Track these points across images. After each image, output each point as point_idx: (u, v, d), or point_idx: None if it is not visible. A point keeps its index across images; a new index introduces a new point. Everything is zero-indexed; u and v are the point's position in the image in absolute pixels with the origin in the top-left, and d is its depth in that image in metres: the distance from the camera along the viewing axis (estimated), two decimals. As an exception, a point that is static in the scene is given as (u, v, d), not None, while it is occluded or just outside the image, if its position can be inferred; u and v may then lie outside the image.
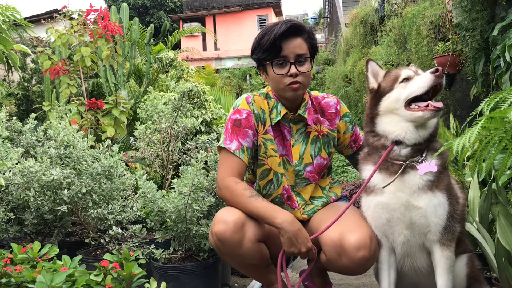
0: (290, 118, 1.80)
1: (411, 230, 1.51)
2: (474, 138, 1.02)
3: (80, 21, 3.36)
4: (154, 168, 2.88)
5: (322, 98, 1.89)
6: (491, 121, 1.04)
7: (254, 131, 1.76)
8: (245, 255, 1.65)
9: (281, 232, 1.55)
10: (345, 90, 8.80)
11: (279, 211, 1.59)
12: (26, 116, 2.72)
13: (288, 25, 1.66)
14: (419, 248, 1.54)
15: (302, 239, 1.55)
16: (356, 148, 1.90)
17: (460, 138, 1.07)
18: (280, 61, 1.69)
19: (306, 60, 1.71)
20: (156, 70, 7.19)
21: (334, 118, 1.87)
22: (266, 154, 1.78)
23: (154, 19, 21.16)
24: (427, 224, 1.47)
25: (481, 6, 3.10)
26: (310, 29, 1.75)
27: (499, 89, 2.84)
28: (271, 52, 1.68)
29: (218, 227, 1.61)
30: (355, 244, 1.54)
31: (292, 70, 1.68)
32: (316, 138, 1.83)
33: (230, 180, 1.68)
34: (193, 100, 3.41)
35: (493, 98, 1.10)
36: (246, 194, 1.63)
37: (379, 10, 7.40)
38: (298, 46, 1.68)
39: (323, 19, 21.15)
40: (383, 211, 1.53)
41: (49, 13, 8.62)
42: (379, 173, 1.54)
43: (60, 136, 2.11)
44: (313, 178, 1.84)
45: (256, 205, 1.61)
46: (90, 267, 1.61)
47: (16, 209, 2.19)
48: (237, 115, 1.76)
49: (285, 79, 1.70)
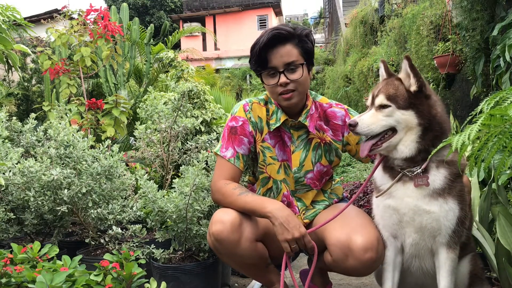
0: (290, 124, 1.78)
1: (420, 233, 1.50)
2: (474, 135, 1.02)
3: (80, 21, 3.36)
4: (154, 168, 2.88)
5: (329, 106, 1.83)
6: (491, 118, 1.04)
7: (249, 138, 1.76)
8: (243, 255, 1.65)
9: (272, 220, 1.56)
10: (345, 90, 8.81)
11: (268, 201, 1.61)
12: (26, 116, 2.72)
13: (270, 35, 1.63)
14: (427, 250, 1.54)
15: (293, 224, 1.54)
16: (374, 156, 1.84)
17: (460, 135, 1.06)
18: (270, 72, 1.67)
19: (298, 67, 1.65)
20: (156, 70, 7.18)
21: (340, 130, 1.82)
22: (265, 162, 1.79)
23: (154, 19, 21.16)
24: (438, 227, 1.47)
25: (481, 6, 3.10)
26: (302, 32, 1.67)
27: (499, 89, 2.84)
28: (260, 64, 1.67)
29: (215, 227, 1.61)
30: (363, 246, 1.53)
31: (281, 79, 1.65)
32: (318, 145, 1.81)
33: (221, 182, 1.70)
34: (193, 100, 3.41)
35: (493, 97, 1.10)
36: (236, 193, 1.65)
37: (379, 10, 7.41)
38: (285, 54, 1.63)
39: (323, 19, 21.15)
40: (394, 213, 1.52)
41: (49, 13, 8.62)
42: (385, 174, 1.54)
43: (60, 136, 2.11)
44: (314, 185, 1.83)
45: (246, 200, 1.62)
46: (90, 267, 1.61)
47: (16, 209, 2.19)
48: (233, 123, 1.77)
49: (277, 88, 1.67)
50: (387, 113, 1.45)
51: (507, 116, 1.00)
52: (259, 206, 1.60)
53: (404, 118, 1.44)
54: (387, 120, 1.45)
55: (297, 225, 1.55)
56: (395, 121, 1.45)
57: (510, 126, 1.03)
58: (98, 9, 3.41)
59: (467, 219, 1.52)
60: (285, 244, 1.55)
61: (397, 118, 1.44)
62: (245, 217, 1.65)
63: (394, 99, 1.44)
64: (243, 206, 1.63)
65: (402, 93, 1.45)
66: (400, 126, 1.45)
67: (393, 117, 1.45)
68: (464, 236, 1.54)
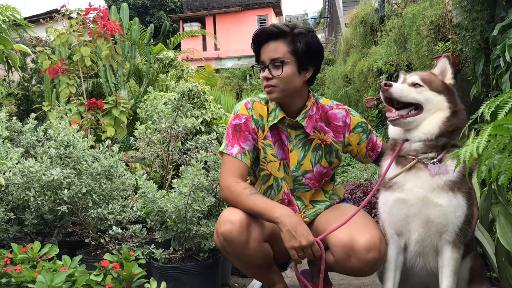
0: (288, 123, 1.78)
1: (427, 228, 1.50)
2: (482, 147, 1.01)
3: (79, 21, 3.36)
4: (154, 168, 2.88)
5: (330, 107, 1.83)
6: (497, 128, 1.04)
7: (253, 135, 1.77)
8: (251, 255, 1.64)
9: (280, 226, 1.54)
10: (345, 90, 8.81)
11: (277, 206, 1.59)
12: (26, 116, 2.72)
13: (262, 30, 1.70)
14: (432, 248, 1.54)
15: (301, 232, 1.52)
16: (375, 156, 1.86)
17: (467, 146, 1.06)
18: (260, 66, 1.73)
19: (284, 64, 1.65)
20: (156, 70, 7.19)
21: (341, 131, 1.82)
22: (266, 159, 1.78)
23: (154, 19, 21.16)
24: (446, 223, 1.47)
25: (481, 6, 3.10)
26: (295, 31, 1.67)
27: (499, 89, 2.84)
28: (256, 57, 1.75)
29: (224, 227, 1.60)
30: (365, 245, 1.53)
31: (263, 73, 1.70)
32: (318, 146, 1.80)
33: (231, 180, 1.68)
34: (193, 100, 3.41)
35: (494, 101, 1.10)
36: (246, 192, 1.63)
37: (379, 10, 7.40)
38: (273, 50, 1.67)
39: (323, 19, 21.15)
40: (402, 206, 1.52)
41: (49, 13, 8.62)
42: (398, 166, 1.56)
43: (60, 136, 2.11)
44: (313, 185, 1.82)
45: (255, 202, 1.60)
46: (90, 267, 1.61)
47: (16, 209, 2.19)
48: (237, 120, 1.77)
49: (263, 82, 1.72)
50: (419, 91, 1.54)
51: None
52: (268, 210, 1.57)
53: (437, 100, 1.54)
54: (418, 95, 1.54)
55: (305, 233, 1.52)
56: (425, 99, 1.53)
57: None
58: (97, 8, 3.41)
59: (473, 219, 1.53)
60: (292, 251, 1.53)
61: (428, 98, 1.53)
62: (253, 217, 1.64)
63: (429, 82, 1.55)
64: (252, 207, 1.61)
65: (436, 80, 1.57)
66: (428, 105, 1.53)
67: (424, 96, 1.54)
68: (469, 236, 1.54)
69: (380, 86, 1.54)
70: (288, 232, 1.52)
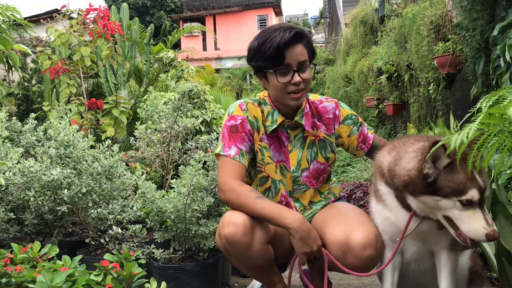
0: (287, 125, 1.77)
1: (423, 242, 1.50)
2: (472, 133, 1.01)
3: (79, 21, 3.36)
4: (154, 168, 2.89)
5: (320, 102, 1.84)
6: (490, 117, 1.03)
7: (249, 136, 1.75)
8: (254, 257, 1.63)
9: (292, 232, 1.52)
10: (345, 90, 8.81)
11: (288, 211, 1.57)
12: (26, 116, 2.72)
13: (292, 32, 1.62)
14: (428, 253, 1.53)
15: (313, 238, 1.53)
16: (367, 149, 1.84)
17: (458, 134, 1.05)
18: (283, 69, 1.65)
19: (308, 67, 1.67)
20: (156, 70, 7.18)
21: (332, 124, 1.82)
22: (263, 161, 1.77)
23: (154, 19, 21.17)
24: (439, 233, 1.46)
25: (481, 6, 3.10)
26: (309, 34, 1.72)
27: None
28: (273, 61, 1.64)
29: (227, 229, 1.57)
30: (361, 243, 1.53)
31: (295, 78, 1.64)
32: (313, 143, 1.80)
33: (234, 182, 1.64)
34: (193, 100, 3.41)
35: (492, 96, 1.09)
36: (253, 196, 1.60)
37: (379, 10, 7.40)
38: (300, 53, 1.64)
39: (323, 19, 21.16)
40: (392, 224, 1.52)
41: (49, 13, 8.61)
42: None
43: (60, 136, 2.11)
44: (310, 183, 1.81)
45: (264, 206, 1.57)
46: (90, 267, 1.61)
47: (16, 209, 2.19)
48: (232, 121, 1.75)
49: (288, 87, 1.66)
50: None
51: (506, 115, 0.99)
52: (278, 215, 1.55)
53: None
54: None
55: (316, 239, 1.54)
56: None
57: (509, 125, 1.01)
58: (97, 8, 3.41)
59: None
60: (302, 256, 1.55)
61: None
62: (256, 219, 1.62)
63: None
64: (260, 211, 1.58)
65: None
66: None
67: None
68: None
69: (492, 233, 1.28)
70: (301, 239, 1.51)
